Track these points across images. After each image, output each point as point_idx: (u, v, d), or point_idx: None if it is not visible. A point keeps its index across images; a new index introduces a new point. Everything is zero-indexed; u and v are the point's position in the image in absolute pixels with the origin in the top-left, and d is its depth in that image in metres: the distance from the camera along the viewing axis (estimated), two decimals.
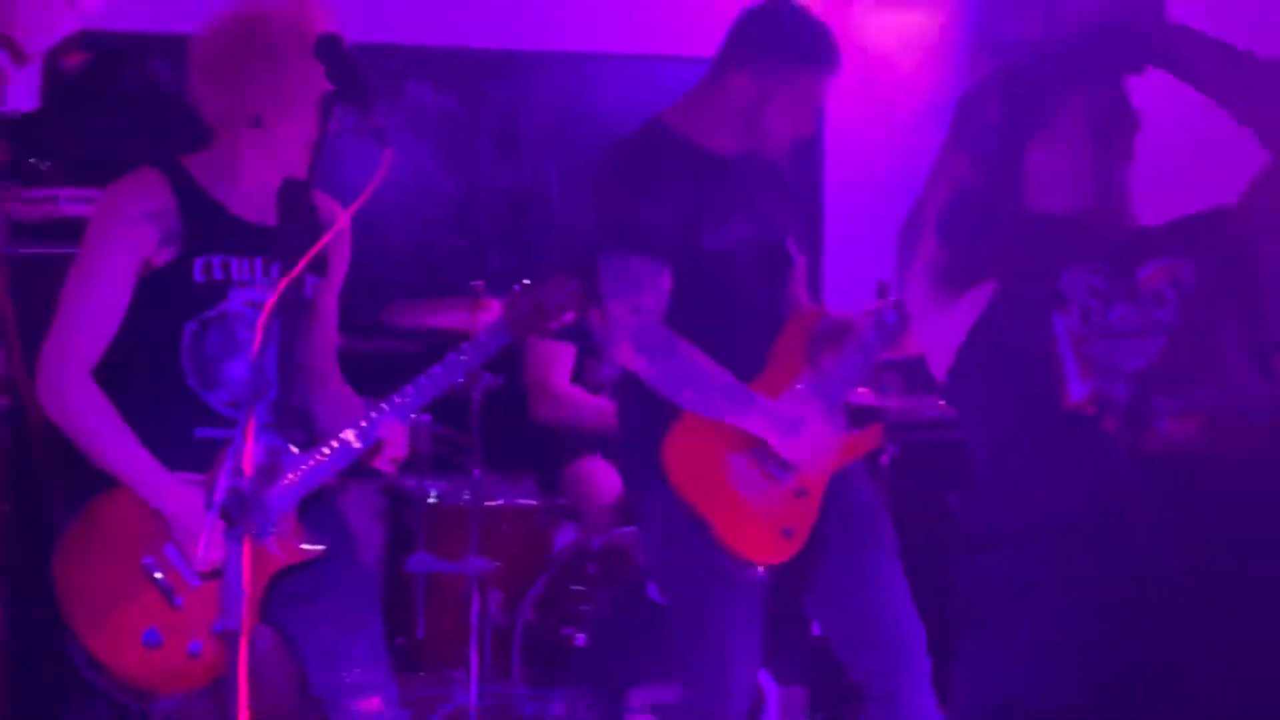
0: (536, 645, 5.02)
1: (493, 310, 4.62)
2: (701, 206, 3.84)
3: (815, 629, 4.83)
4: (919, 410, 5.20)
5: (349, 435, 3.51)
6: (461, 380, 3.76)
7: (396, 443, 3.56)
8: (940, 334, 2.78)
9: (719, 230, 3.87)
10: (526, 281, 3.81)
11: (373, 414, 3.53)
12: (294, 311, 3.50)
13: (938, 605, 3.22)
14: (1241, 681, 2.57)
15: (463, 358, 3.66)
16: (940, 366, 2.78)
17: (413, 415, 3.61)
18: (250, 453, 2.94)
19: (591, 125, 5.97)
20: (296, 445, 3.51)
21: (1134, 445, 2.58)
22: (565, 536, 5.33)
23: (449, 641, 5.13)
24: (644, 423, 3.89)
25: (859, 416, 4.03)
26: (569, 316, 3.94)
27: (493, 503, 5.19)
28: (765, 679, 4.79)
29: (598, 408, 5.36)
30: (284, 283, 3.17)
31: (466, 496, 5.09)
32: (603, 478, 5.37)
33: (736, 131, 3.91)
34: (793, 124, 3.95)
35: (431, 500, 5.22)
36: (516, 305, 3.78)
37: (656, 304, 3.79)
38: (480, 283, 5.07)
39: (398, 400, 3.55)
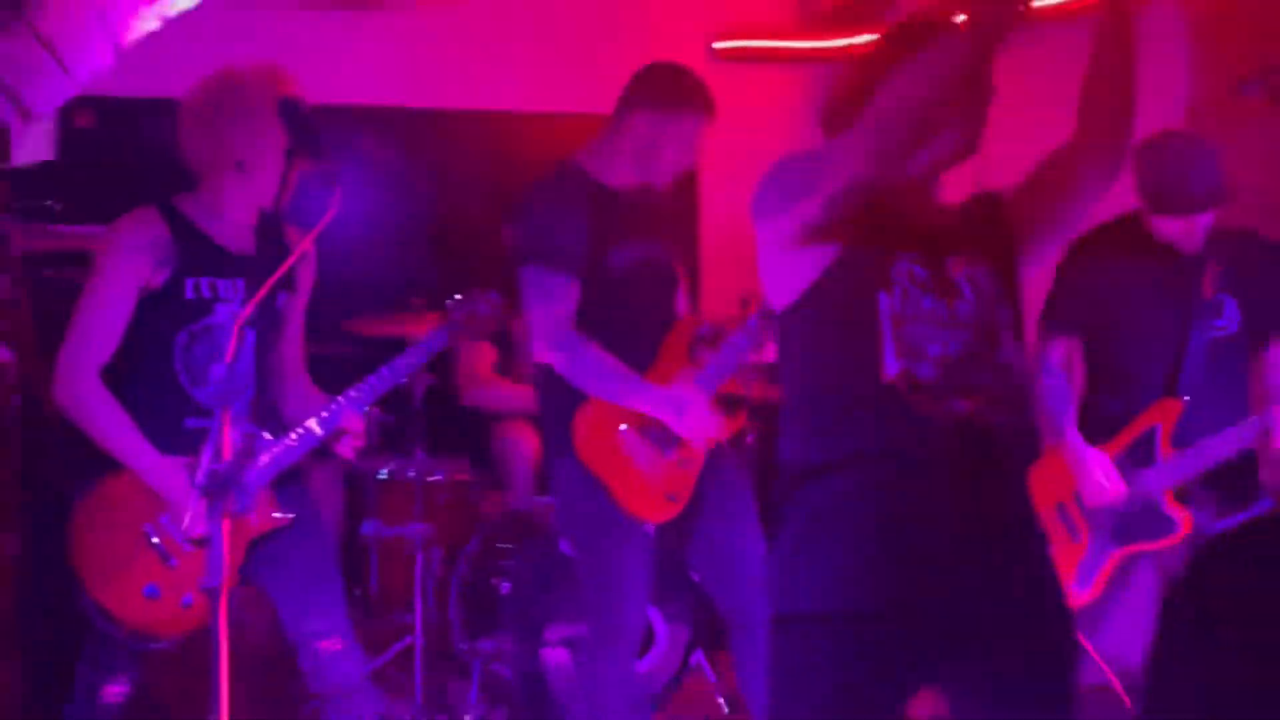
0: (469, 594, 5.03)
1: (429, 320, 4.69)
2: (604, 232, 3.90)
3: (694, 575, 4.88)
4: (776, 398, 5.25)
5: (312, 424, 3.56)
6: (405, 379, 3.80)
7: (355, 431, 3.62)
8: (786, 272, 2.69)
9: (619, 252, 3.92)
10: (458, 296, 3.88)
11: (332, 406, 3.59)
12: (268, 323, 3.57)
13: None
14: (1008, 603, 2.65)
15: (407, 359, 3.72)
16: (779, 300, 2.72)
17: (366, 408, 3.67)
18: (228, 440, 3.01)
19: (506, 170, 5.98)
20: (269, 433, 3.55)
21: (932, 417, 2.58)
22: (492, 505, 5.36)
23: (397, 592, 5.19)
24: (557, 407, 3.94)
25: (727, 403, 4.10)
26: (493, 324, 4.02)
27: (432, 478, 5.22)
28: (654, 615, 4.86)
29: (517, 394, 5.40)
30: (255, 299, 3.24)
31: (410, 473, 5.12)
32: (523, 451, 5.41)
33: (632, 168, 3.96)
34: (676, 160, 4.01)
35: (382, 477, 5.25)
36: (452, 315, 3.85)
37: (567, 311, 3.85)
38: (419, 299, 5.15)
39: (353, 394, 3.61)
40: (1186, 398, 3.89)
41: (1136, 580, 4.38)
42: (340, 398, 3.60)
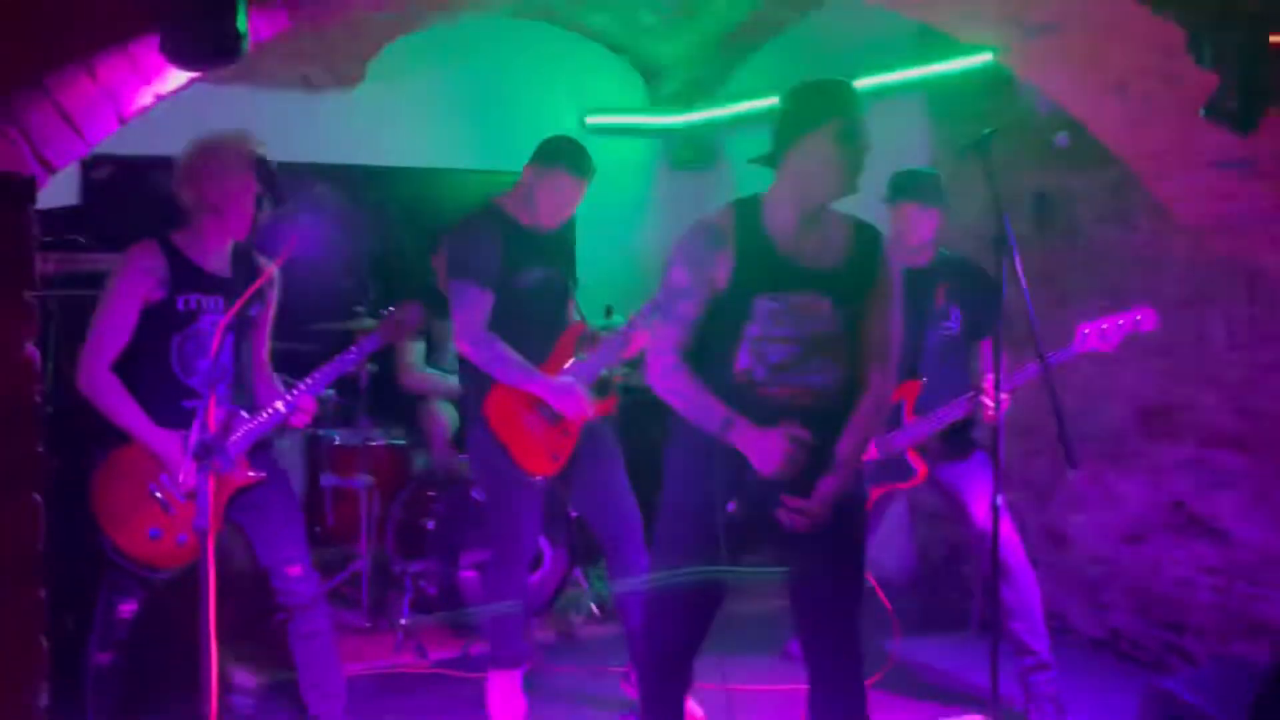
0: (403, 530, 5.00)
1: (368, 325, 4.67)
2: (513, 257, 3.90)
3: (572, 513, 4.92)
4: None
5: (279, 405, 3.54)
6: (352, 369, 3.78)
7: (308, 410, 3.59)
8: (683, 311, 2.82)
9: (524, 273, 3.93)
10: (390, 308, 3.86)
11: (294, 390, 3.56)
12: (242, 328, 3.53)
13: (649, 492, 3.31)
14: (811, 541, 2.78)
15: (350, 355, 3.69)
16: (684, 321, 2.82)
17: (321, 391, 3.65)
18: (214, 417, 2.98)
19: (427, 213, 5.99)
20: (245, 411, 3.51)
21: (765, 402, 2.74)
22: (421, 461, 5.34)
23: (347, 529, 5.14)
24: (473, 389, 3.95)
25: (600, 388, 4.10)
26: (416, 327, 4.00)
27: (374, 442, 5.17)
28: (543, 543, 4.87)
29: (438, 381, 5.38)
30: (232, 311, 3.21)
31: (357, 439, 5.10)
32: (442, 423, 5.39)
33: (532, 211, 3.97)
34: (563, 208, 4.02)
35: (336, 442, 5.19)
36: (384, 321, 3.83)
37: (482, 316, 3.85)
38: (360, 308, 5.13)
39: (309, 381, 3.58)
40: (924, 379, 3.97)
41: (890, 511, 4.49)
42: (299, 384, 3.57)
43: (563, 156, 3.96)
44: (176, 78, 2.61)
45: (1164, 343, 4.22)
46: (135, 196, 5.13)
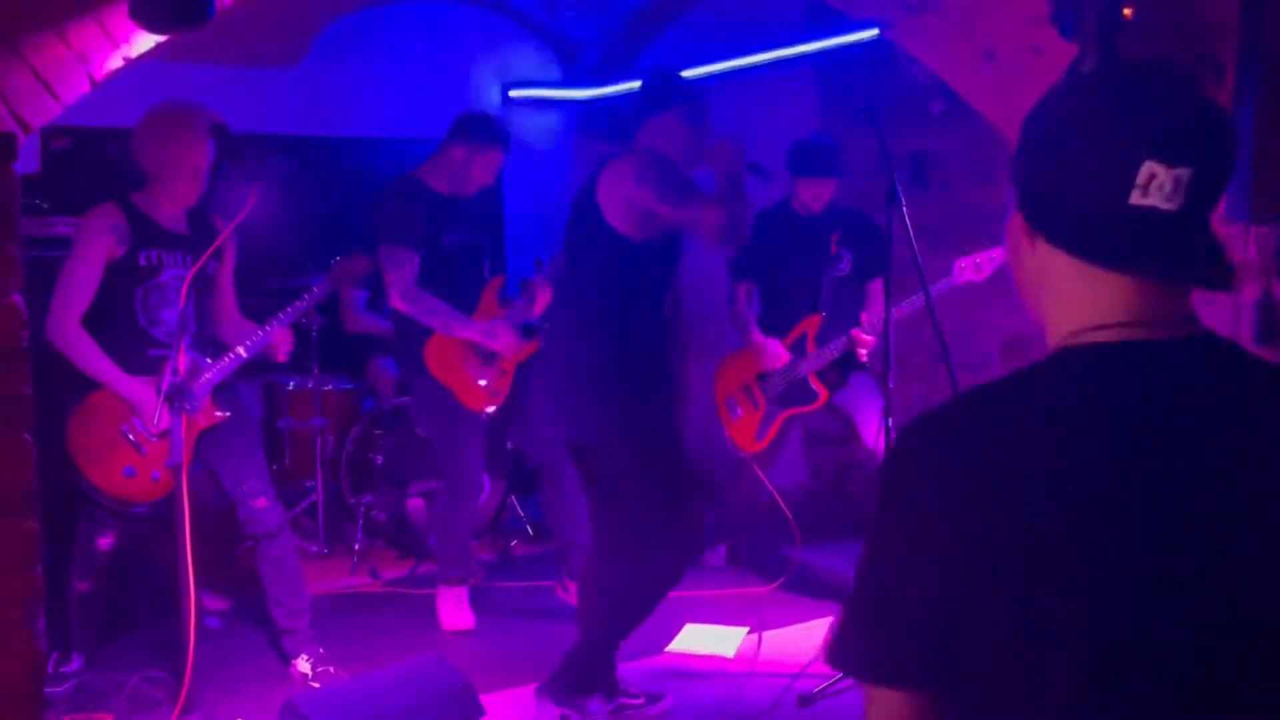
0: (354, 464, 4.93)
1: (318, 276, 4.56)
2: (436, 222, 3.83)
3: (509, 445, 4.88)
4: None
5: (240, 350, 3.44)
6: (305, 311, 3.68)
7: (285, 343, 3.51)
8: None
9: (446, 236, 3.87)
10: (338, 258, 3.78)
11: (255, 335, 3.46)
12: (202, 284, 3.41)
13: None
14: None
15: (304, 300, 3.61)
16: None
17: (284, 328, 3.55)
18: (182, 362, 2.89)
19: (371, 177, 5.84)
20: (209, 357, 3.42)
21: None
22: (369, 404, 5.25)
23: (304, 465, 5.04)
24: (412, 341, 3.89)
25: (526, 331, 4.08)
26: (362, 274, 3.91)
27: (326, 387, 5.07)
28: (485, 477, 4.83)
29: (382, 324, 5.31)
30: (197, 265, 3.11)
31: (310, 384, 4.99)
32: (387, 372, 5.31)
33: (452, 181, 3.90)
34: (483, 177, 3.96)
35: (291, 387, 5.08)
36: (334, 269, 3.74)
37: (412, 274, 3.78)
38: (313, 262, 4.99)
39: (270, 325, 3.48)
40: (824, 313, 4.01)
41: (791, 435, 4.53)
42: (260, 328, 3.48)
43: (498, 137, 3.95)
44: (145, 41, 2.49)
45: None
46: (91, 165, 5.01)
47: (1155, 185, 0.92)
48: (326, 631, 3.68)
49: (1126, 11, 3.02)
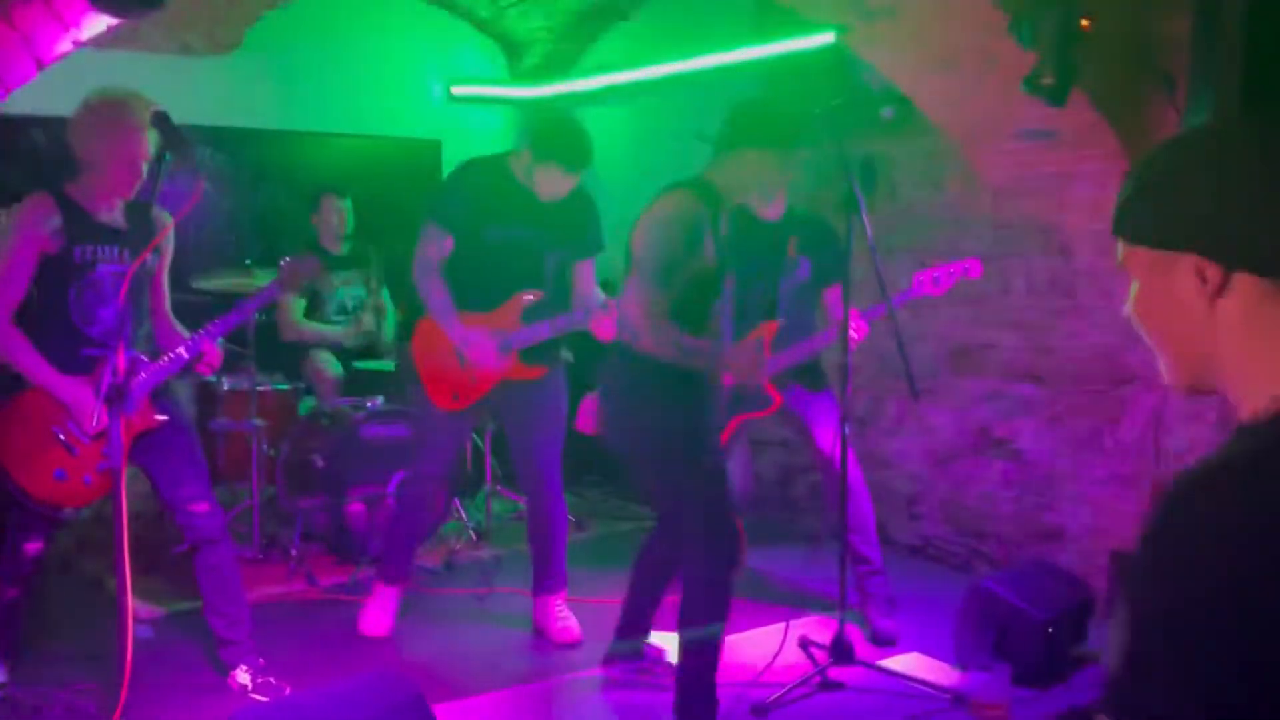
0: (292, 468, 4.79)
1: (258, 276, 4.42)
2: (491, 210, 3.67)
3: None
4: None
5: (180, 350, 3.31)
6: (249, 316, 3.57)
7: (212, 355, 3.38)
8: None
9: (495, 228, 3.68)
10: (287, 258, 3.60)
11: (194, 337, 3.34)
12: (140, 279, 3.28)
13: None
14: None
15: (250, 303, 3.50)
16: None
17: (222, 336, 3.40)
18: (121, 362, 2.78)
19: (308, 174, 5.75)
20: (147, 357, 3.29)
21: None
22: (306, 406, 5.12)
23: (240, 467, 4.90)
24: (414, 310, 3.87)
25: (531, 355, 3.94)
26: (311, 277, 3.76)
27: (262, 387, 4.91)
28: None
29: (321, 333, 5.19)
30: (138, 261, 2.99)
31: (246, 384, 4.84)
32: (327, 371, 5.18)
33: (527, 180, 3.66)
34: (557, 192, 3.64)
35: (226, 388, 4.92)
36: (284, 270, 3.57)
37: (435, 253, 3.70)
38: (250, 262, 4.85)
39: (209, 329, 3.36)
40: (782, 320, 3.99)
41: (741, 439, 4.52)
42: (198, 332, 3.35)
43: (556, 153, 3.57)
44: (96, 24, 2.37)
45: (972, 292, 4.35)
46: (20, 153, 4.82)
47: None
48: (263, 639, 3.57)
49: (1084, 23, 3.06)
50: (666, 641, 3.64)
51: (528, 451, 3.90)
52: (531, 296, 3.76)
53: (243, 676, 3.41)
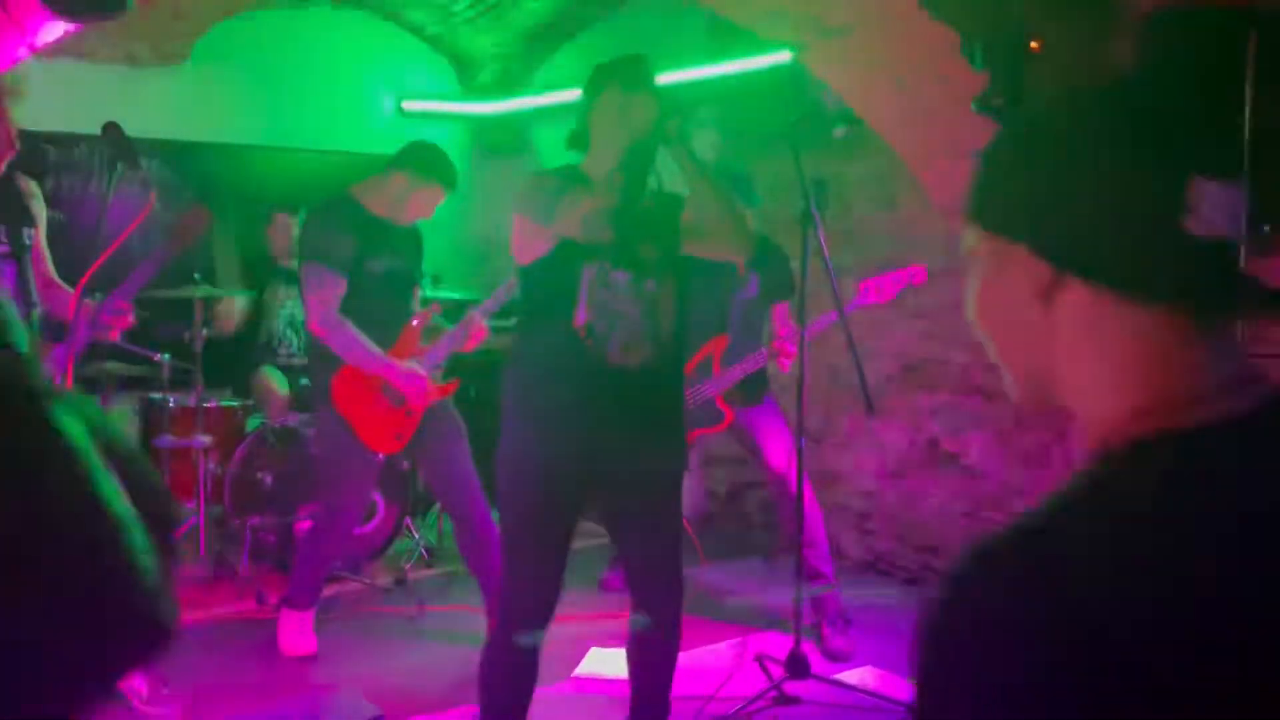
0: (240, 486, 4.71)
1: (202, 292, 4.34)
2: (366, 246, 3.65)
3: (404, 465, 4.74)
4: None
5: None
6: (149, 278, 3.16)
7: (124, 315, 3.09)
8: (531, 247, 2.62)
9: (374, 261, 3.67)
10: (177, 215, 3.39)
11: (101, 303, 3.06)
12: (20, 254, 3.09)
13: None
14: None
15: (146, 266, 3.15)
16: (524, 258, 2.64)
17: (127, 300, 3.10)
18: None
19: (252, 185, 5.72)
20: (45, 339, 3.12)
21: (602, 358, 2.60)
22: (254, 423, 5.05)
23: (186, 486, 4.81)
24: (322, 367, 3.73)
25: (445, 373, 3.95)
26: (202, 228, 3.49)
27: (209, 404, 4.85)
28: (378, 497, 4.69)
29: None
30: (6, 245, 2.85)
31: (192, 401, 4.77)
32: (275, 387, 5.12)
33: (388, 207, 3.71)
34: (420, 211, 3.76)
35: (171, 404, 4.84)
36: (177, 227, 3.28)
37: (335, 300, 3.61)
38: (198, 275, 4.77)
39: (113, 295, 3.09)
40: (730, 336, 4.02)
41: (693, 455, 4.54)
42: (105, 300, 3.07)
43: (445, 174, 3.74)
44: (54, 30, 2.33)
45: (923, 308, 4.41)
46: None
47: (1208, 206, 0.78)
48: (212, 660, 3.50)
49: (1034, 44, 3.14)
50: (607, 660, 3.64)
51: (453, 469, 3.85)
52: (418, 321, 3.85)
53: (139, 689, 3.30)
